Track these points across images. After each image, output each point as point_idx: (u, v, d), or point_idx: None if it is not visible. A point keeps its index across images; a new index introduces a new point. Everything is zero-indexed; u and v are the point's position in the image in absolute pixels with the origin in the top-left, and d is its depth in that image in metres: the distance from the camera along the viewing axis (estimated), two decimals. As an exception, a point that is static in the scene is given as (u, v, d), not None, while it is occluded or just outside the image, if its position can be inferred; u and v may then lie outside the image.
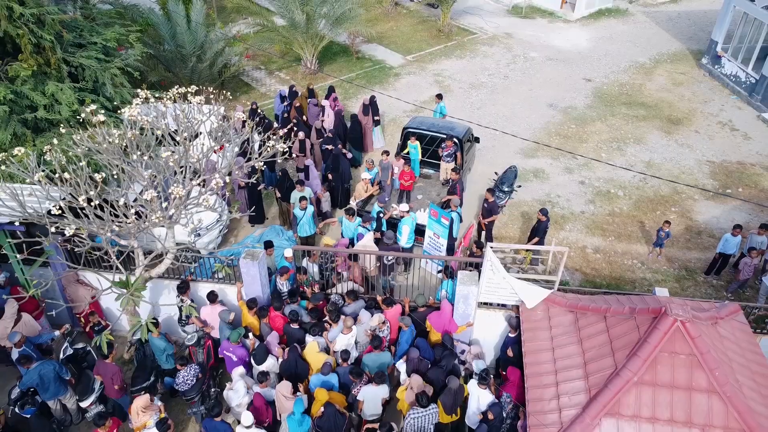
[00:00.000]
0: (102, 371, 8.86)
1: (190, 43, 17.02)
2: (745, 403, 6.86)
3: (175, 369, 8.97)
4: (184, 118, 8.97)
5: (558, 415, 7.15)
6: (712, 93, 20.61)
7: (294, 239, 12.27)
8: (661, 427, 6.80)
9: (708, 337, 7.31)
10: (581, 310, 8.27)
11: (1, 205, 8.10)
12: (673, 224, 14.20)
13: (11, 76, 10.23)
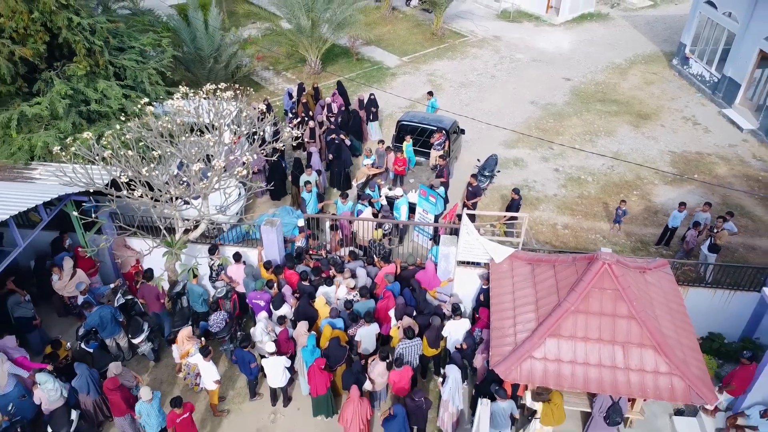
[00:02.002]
0: (146, 291, 10.98)
1: (208, 46, 19.05)
2: (657, 326, 8.89)
3: (208, 313, 11.02)
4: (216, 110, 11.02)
5: (514, 338, 9.19)
6: (679, 91, 22.67)
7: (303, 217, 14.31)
8: (591, 345, 8.83)
9: (632, 278, 9.35)
10: (536, 262, 10.32)
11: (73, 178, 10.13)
12: (633, 205, 16.32)
13: (68, 75, 12.27)
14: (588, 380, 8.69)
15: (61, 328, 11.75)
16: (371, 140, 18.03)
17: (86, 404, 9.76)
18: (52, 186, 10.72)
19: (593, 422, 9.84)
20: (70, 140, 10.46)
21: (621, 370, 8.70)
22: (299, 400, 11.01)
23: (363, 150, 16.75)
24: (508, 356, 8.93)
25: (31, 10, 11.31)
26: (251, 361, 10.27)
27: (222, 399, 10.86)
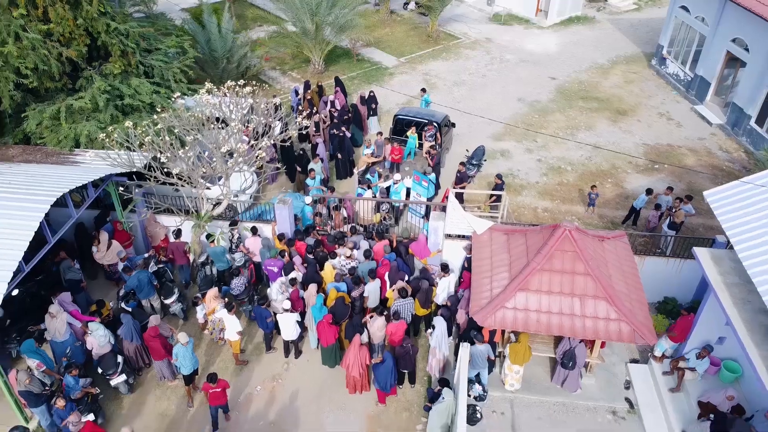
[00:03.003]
0: (174, 247, 12.85)
1: (221, 48, 20.81)
2: (609, 282, 10.66)
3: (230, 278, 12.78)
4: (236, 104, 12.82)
5: (490, 292, 10.95)
6: (657, 89, 24.45)
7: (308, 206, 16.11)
8: (554, 297, 10.59)
9: (589, 243, 11.13)
10: (511, 232, 12.10)
11: (116, 161, 11.91)
12: (606, 192, 18.10)
13: (106, 73, 14.05)
14: (551, 326, 10.46)
15: (101, 291, 13.48)
16: (371, 133, 19.77)
17: (129, 350, 11.53)
18: (97, 168, 12.49)
19: (558, 369, 11.62)
20: (111, 129, 12.26)
21: (578, 317, 10.47)
22: (308, 353, 12.78)
23: (363, 141, 18.54)
24: (485, 307, 10.70)
25: (76, 17, 13.07)
26: (267, 317, 12.05)
27: (242, 352, 12.61)
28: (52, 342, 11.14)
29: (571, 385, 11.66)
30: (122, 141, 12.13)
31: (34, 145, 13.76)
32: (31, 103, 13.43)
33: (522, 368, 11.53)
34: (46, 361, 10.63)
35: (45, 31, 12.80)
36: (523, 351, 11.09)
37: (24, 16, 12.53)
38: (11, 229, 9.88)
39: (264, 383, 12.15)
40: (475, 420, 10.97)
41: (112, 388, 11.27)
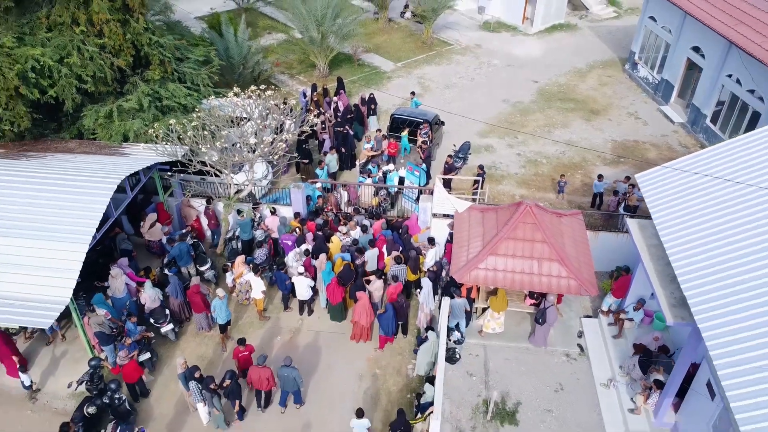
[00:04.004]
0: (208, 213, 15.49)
1: (237, 55, 23.43)
2: (561, 248, 13.29)
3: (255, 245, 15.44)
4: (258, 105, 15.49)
5: (466, 257, 13.59)
6: (628, 91, 27.11)
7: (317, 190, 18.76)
8: (518, 259, 13.18)
9: (547, 217, 13.76)
10: (486, 210, 14.74)
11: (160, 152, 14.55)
12: (576, 181, 20.75)
13: (147, 79, 16.68)
14: (514, 282, 13.09)
15: (145, 261, 16.11)
16: (371, 130, 22.40)
17: (174, 305, 14.17)
18: (145, 158, 15.14)
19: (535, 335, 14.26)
20: (156, 126, 14.92)
21: (536, 275, 13.10)
22: (318, 312, 15.42)
23: (364, 137, 21.19)
24: (462, 267, 13.35)
25: (125, 32, 15.70)
26: (286, 279, 14.69)
27: (264, 310, 15.24)
28: (112, 298, 13.77)
29: (538, 340, 14.25)
30: (164, 136, 14.80)
31: (87, 139, 16.41)
32: (87, 105, 16.05)
33: (502, 315, 14.18)
34: (111, 311, 13.27)
35: (100, 44, 15.42)
36: (501, 301, 13.75)
37: (83, 33, 15.15)
38: (86, 204, 12.55)
39: (283, 335, 14.79)
40: (454, 360, 13.63)
41: (161, 335, 13.91)
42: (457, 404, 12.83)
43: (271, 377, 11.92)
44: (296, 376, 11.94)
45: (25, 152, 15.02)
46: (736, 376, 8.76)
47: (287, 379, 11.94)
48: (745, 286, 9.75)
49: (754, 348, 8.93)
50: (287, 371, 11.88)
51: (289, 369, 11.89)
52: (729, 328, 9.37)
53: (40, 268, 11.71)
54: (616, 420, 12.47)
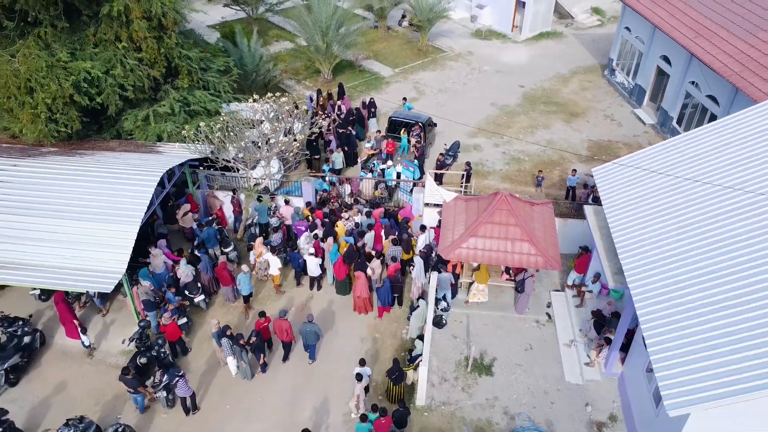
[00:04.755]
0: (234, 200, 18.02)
1: (251, 63, 25.98)
2: (531, 230, 15.83)
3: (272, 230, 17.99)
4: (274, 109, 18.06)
5: (452, 238, 16.15)
6: (606, 95, 29.67)
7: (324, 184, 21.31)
8: (494, 240, 15.70)
9: (520, 205, 16.31)
10: (469, 200, 17.31)
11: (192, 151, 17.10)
12: (554, 177, 23.28)
13: (177, 87, 19.22)
14: (491, 258, 15.63)
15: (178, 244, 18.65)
16: (371, 131, 24.96)
17: (204, 280, 16.73)
18: (177, 155, 17.70)
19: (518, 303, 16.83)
20: (188, 127, 17.50)
21: (509, 253, 15.64)
22: (326, 288, 17.96)
23: (365, 137, 23.75)
24: (448, 246, 15.91)
25: (159, 47, 18.22)
26: (298, 258, 17.25)
27: (280, 285, 17.78)
28: (153, 273, 16.31)
29: (520, 307, 16.81)
30: (194, 136, 17.38)
31: (125, 139, 18.97)
32: (126, 109, 18.61)
33: (486, 286, 16.75)
34: (153, 283, 15.83)
35: (138, 58, 17.96)
36: (484, 275, 16.32)
37: (125, 48, 17.70)
38: (135, 192, 15.12)
39: (296, 306, 17.35)
40: (441, 324, 16.20)
41: (195, 305, 16.47)
42: (443, 360, 15.40)
43: (290, 329, 14.54)
44: (317, 330, 14.55)
45: (75, 150, 17.58)
46: (655, 328, 11.30)
47: (309, 333, 14.54)
48: (672, 258, 12.29)
49: (672, 306, 11.45)
50: (309, 326, 14.48)
51: (311, 325, 14.50)
52: (655, 291, 11.90)
53: (100, 245, 14.29)
54: (574, 371, 15.04)
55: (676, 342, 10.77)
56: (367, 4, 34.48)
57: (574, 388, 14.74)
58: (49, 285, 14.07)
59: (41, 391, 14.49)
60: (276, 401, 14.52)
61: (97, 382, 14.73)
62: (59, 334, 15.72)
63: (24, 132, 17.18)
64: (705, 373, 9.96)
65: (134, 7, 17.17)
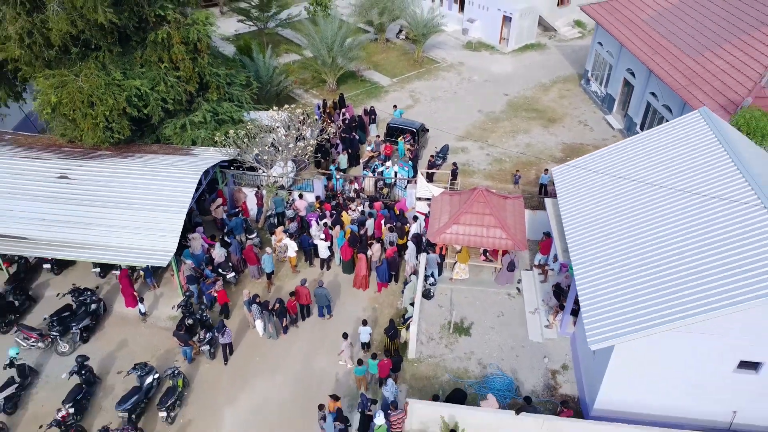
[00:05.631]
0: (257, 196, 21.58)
1: (265, 76, 29.48)
2: (504, 219, 19.36)
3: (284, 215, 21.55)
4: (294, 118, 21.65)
5: (438, 226, 19.68)
6: (582, 103, 33.20)
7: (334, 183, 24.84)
8: (473, 227, 19.24)
9: (494, 198, 19.85)
10: (453, 195, 20.86)
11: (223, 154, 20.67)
12: (531, 175, 26.81)
13: (208, 99, 22.75)
14: (470, 241, 19.16)
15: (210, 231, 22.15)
16: (372, 135, 28.49)
17: (234, 260, 20.26)
18: (210, 157, 21.22)
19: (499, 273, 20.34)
20: (219, 134, 21.05)
21: (485, 237, 19.17)
22: (334, 268, 21.47)
23: (366, 141, 27.30)
24: (435, 232, 19.44)
25: (194, 67, 21.74)
26: (308, 239, 20.78)
27: (296, 265, 21.29)
28: (192, 254, 19.83)
29: (502, 281, 20.30)
30: (223, 141, 20.93)
31: (164, 143, 22.49)
32: (165, 119, 22.12)
33: (467, 266, 20.26)
34: (194, 262, 19.36)
35: (177, 76, 21.49)
36: (465, 256, 19.86)
37: (166, 68, 21.22)
38: (180, 187, 18.65)
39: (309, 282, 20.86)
40: (429, 296, 19.73)
41: (227, 281, 19.98)
42: (430, 324, 18.93)
43: (308, 294, 18.18)
44: (327, 294, 18.12)
45: (125, 152, 21.10)
46: (586, 287, 14.81)
47: (321, 296, 18.11)
48: (605, 237, 15.81)
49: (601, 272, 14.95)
50: (320, 291, 18.05)
51: (322, 289, 18.08)
52: (589, 262, 15.41)
53: (155, 230, 17.85)
54: (536, 332, 18.57)
55: (600, 297, 14.30)
56: (367, 20, 38.00)
57: (536, 345, 18.28)
58: (116, 261, 17.71)
59: (107, 347, 18.02)
60: (295, 357, 18.04)
61: (151, 340, 18.27)
62: (117, 303, 19.27)
63: (84, 138, 20.67)
64: (618, 319, 13.50)
65: (174, 34, 20.71)
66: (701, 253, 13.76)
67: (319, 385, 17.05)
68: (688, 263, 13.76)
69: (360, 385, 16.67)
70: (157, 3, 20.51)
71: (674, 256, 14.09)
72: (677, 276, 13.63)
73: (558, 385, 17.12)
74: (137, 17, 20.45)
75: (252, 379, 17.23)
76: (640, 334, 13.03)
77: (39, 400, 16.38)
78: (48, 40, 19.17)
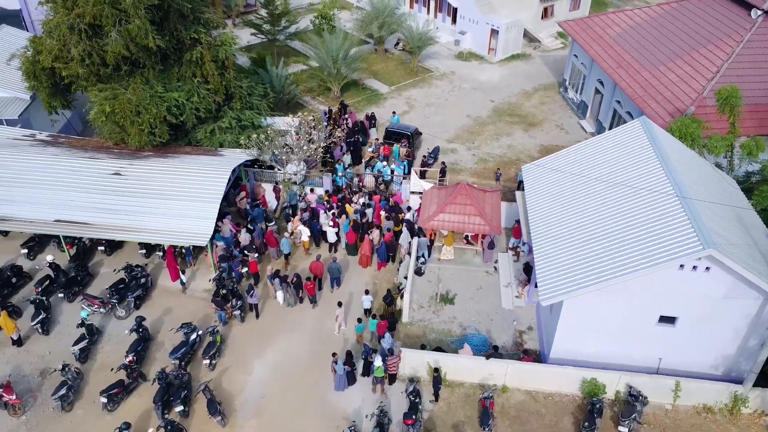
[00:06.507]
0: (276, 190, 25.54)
1: (278, 85, 33.42)
2: (482, 208, 23.31)
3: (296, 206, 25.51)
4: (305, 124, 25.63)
5: (428, 214, 23.62)
6: (560, 109, 37.14)
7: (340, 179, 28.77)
8: (456, 215, 23.17)
9: (475, 192, 23.80)
10: (440, 189, 24.81)
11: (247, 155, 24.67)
12: (511, 173, 30.74)
13: (233, 107, 26.70)
14: (454, 227, 23.12)
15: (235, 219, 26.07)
16: (372, 138, 32.44)
17: (256, 243, 24.20)
18: (236, 157, 25.16)
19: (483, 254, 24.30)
20: (243, 138, 25.03)
21: (467, 224, 23.10)
22: (341, 251, 25.40)
23: (367, 143, 31.31)
24: (425, 219, 23.40)
25: (222, 81, 25.68)
26: (316, 226, 24.72)
27: (308, 248, 25.21)
28: (222, 237, 23.75)
29: (489, 259, 24.24)
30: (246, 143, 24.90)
31: (194, 145, 26.43)
32: (197, 125, 26.04)
33: (452, 248, 24.18)
34: (225, 243, 23.31)
35: (207, 88, 25.42)
36: (450, 240, 23.82)
37: (199, 82, 25.16)
38: (214, 181, 22.61)
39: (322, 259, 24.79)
40: (420, 273, 23.68)
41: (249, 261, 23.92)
42: (421, 295, 22.88)
43: (321, 267, 22.14)
44: (339, 267, 22.18)
45: (164, 153, 25.04)
46: (541, 257, 18.74)
47: (334, 269, 22.15)
48: (559, 221, 19.75)
49: (554, 245, 18.90)
50: (334, 265, 22.13)
51: (335, 264, 22.18)
52: (545, 239, 19.35)
53: (195, 216, 21.83)
54: (508, 301, 22.51)
55: (552, 266, 18.26)
56: (368, 33, 41.95)
57: (507, 312, 22.22)
58: (164, 242, 21.70)
59: (155, 313, 21.94)
60: (308, 320, 21.97)
61: (191, 308, 22.21)
62: (162, 278, 23.22)
63: (130, 141, 24.59)
64: (563, 281, 17.46)
65: (206, 54, 24.69)
66: (629, 230, 17.75)
67: (328, 341, 20.97)
68: (619, 238, 17.73)
69: (360, 339, 20.62)
70: (192, 28, 24.50)
71: (609, 233, 18.07)
72: (610, 248, 17.59)
73: (524, 342, 21.07)
74: (176, 40, 24.40)
75: (274, 338, 21.17)
76: (579, 292, 16.99)
77: (105, 353, 20.32)
78: (104, 60, 23.11)
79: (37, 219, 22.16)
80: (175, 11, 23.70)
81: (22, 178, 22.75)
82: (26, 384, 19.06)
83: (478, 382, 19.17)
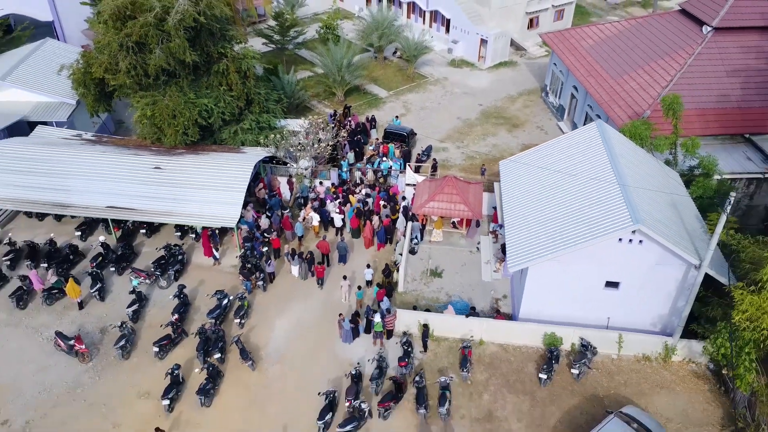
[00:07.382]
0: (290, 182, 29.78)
1: (289, 91, 37.63)
2: (467, 197, 27.53)
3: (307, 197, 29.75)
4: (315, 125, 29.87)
5: (420, 202, 27.84)
6: (541, 112, 41.36)
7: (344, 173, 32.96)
8: (444, 203, 27.37)
9: (461, 183, 28.04)
10: (431, 181, 29.05)
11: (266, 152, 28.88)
12: (494, 168, 34.91)
13: (252, 111, 30.93)
14: (443, 212, 27.34)
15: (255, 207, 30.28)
16: (372, 138, 36.66)
17: (274, 227, 28.42)
18: (256, 154, 29.36)
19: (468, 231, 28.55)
20: (262, 137, 29.27)
21: (453, 210, 27.35)
22: (346, 234, 29.61)
23: (368, 143, 35.56)
24: (418, 206, 27.64)
25: (243, 88, 29.89)
26: (325, 212, 28.95)
27: (318, 232, 29.41)
28: (246, 221, 27.96)
29: (473, 234, 28.44)
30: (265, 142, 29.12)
31: (220, 144, 30.65)
32: (222, 126, 30.24)
33: (441, 231, 28.41)
34: (248, 226, 27.53)
35: (231, 95, 29.63)
36: (440, 224, 28.07)
37: (224, 90, 29.37)
38: (240, 173, 26.84)
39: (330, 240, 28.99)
40: (414, 252, 27.91)
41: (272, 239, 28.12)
42: (414, 269, 27.10)
43: (328, 246, 26.41)
44: (346, 246, 26.44)
45: (195, 151, 29.27)
46: (511, 233, 22.96)
47: (342, 248, 26.39)
48: (527, 205, 23.96)
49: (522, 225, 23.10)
50: (342, 244, 26.40)
51: (343, 243, 26.41)
52: (515, 219, 23.55)
53: (224, 203, 26.05)
54: (487, 275, 26.73)
55: (518, 240, 22.47)
56: (369, 42, 46.19)
57: (486, 284, 26.44)
58: (199, 224, 25.92)
59: (191, 284, 26.14)
60: (319, 291, 26.18)
61: (220, 280, 26.42)
62: (195, 255, 27.45)
63: (166, 140, 28.79)
64: (527, 252, 21.68)
65: (231, 65, 28.95)
66: (580, 212, 21.98)
67: (336, 306, 25.17)
68: (572, 218, 21.96)
69: (359, 305, 24.84)
70: (219, 44, 28.77)
71: (564, 214, 22.30)
72: (565, 226, 21.82)
73: (499, 307, 25.29)
74: (206, 54, 28.65)
75: (291, 303, 25.39)
76: (539, 260, 21.22)
77: (151, 315, 24.55)
78: (146, 71, 27.34)
79: (92, 205, 26.39)
80: (205, 30, 27.93)
81: (77, 171, 26.99)
82: (90, 339, 23.27)
83: (460, 337, 23.39)
